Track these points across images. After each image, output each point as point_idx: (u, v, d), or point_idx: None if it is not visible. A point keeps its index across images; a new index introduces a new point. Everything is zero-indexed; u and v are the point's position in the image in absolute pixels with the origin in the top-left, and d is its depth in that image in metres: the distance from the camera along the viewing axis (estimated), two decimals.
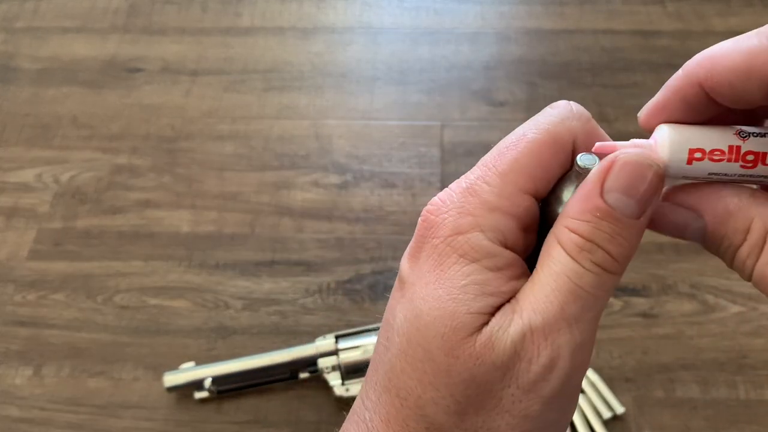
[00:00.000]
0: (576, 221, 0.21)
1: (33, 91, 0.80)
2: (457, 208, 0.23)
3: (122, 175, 0.72)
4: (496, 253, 0.22)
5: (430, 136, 0.74)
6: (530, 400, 0.21)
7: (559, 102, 0.24)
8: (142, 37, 0.85)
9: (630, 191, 0.21)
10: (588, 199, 0.21)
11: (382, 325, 0.25)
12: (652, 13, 0.84)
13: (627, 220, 0.21)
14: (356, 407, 0.25)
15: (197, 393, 0.57)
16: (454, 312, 0.22)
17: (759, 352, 0.59)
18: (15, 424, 0.57)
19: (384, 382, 0.23)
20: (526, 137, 0.23)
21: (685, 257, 0.64)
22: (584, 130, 0.23)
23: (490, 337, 0.21)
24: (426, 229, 0.23)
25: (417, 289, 0.23)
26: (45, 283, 0.65)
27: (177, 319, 0.62)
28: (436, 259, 0.22)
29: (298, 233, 0.67)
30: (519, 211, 0.23)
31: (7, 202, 0.71)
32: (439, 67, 0.81)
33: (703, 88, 0.21)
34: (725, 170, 0.22)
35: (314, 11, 0.87)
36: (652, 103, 0.23)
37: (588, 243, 0.21)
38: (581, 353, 0.22)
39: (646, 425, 0.55)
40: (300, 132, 0.75)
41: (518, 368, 0.21)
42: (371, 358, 0.25)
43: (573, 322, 0.21)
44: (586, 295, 0.21)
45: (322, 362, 0.56)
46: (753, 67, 0.19)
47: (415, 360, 0.22)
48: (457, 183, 0.24)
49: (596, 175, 0.21)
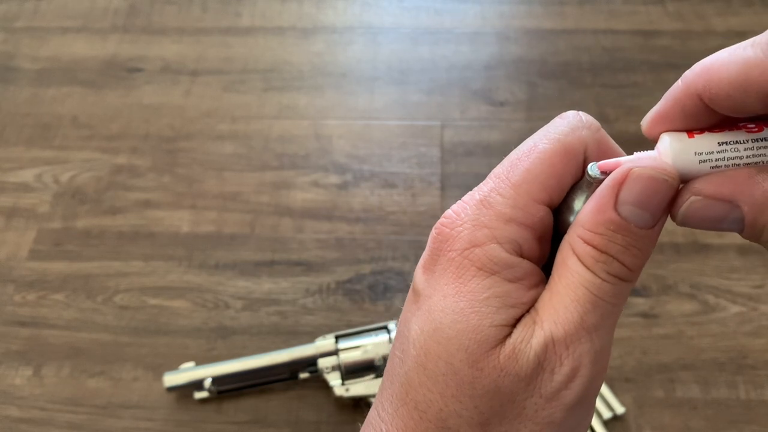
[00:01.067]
0: (590, 233, 0.22)
1: (33, 91, 0.80)
2: (472, 220, 0.23)
3: (122, 175, 0.72)
4: (514, 264, 0.22)
5: (430, 136, 0.74)
6: (553, 407, 0.22)
7: (569, 112, 0.24)
8: (142, 37, 0.85)
9: (644, 204, 0.21)
10: (602, 212, 0.22)
11: (396, 337, 0.25)
12: (653, 13, 0.84)
13: (640, 231, 0.22)
14: (371, 419, 0.25)
15: (197, 393, 0.57)
16: (477, 325, 0.22)
17: (759, 352, 0.59)
18: (15, 424, 0.57)
19: (401, 395, 0.23)
20: (538, 148, 0.23)
21: (685, 257, 0.64)
22: (594, 139, 0.24)
23: (513, 349, 0.22)
24: (441, 242, 0.23)
25: (435, 302, 0.23)
26: (45, 283, 0.65)
27: (177, 319, 0.62)
28: (453, 272, 0.23)
29: (298, 233, 0.67)
30: (534, 221, 0.23)
31: (7, 202, 0.71)
32: (439, 67, 0.81)
33: (702, 99, 0.21)
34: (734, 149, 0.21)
35: (314, 11, 0.87)
36: (654, 113, 0.23)
37: (603, 255, 0.22)
38: (601, 360, 0.22)
39: (646, 425, 0.55)
40: (300, 132, 0.75)
41: (541, 378, 0.22)
42: (385, 370, 0.25)
43: (593, 330, 0.22)
44: (604, 305, 0.22)
45: (322, 362, 0.56)
46: (750, 79, 0.19)
47: (436, 373, 0.22)
48: (470, 195, 0.24)
49: (610, 187, 0.22)
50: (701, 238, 0.65)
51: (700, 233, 0.65)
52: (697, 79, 0.21)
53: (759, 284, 0.62)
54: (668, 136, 0.22)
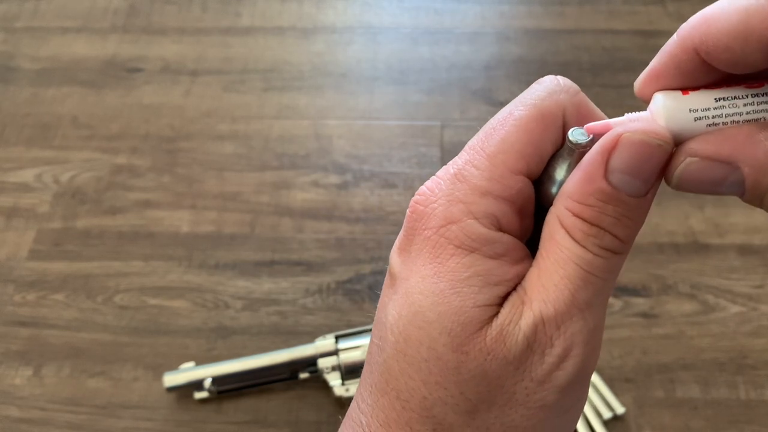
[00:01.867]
0: (579, 205, 0.20)
1: (33, 91, 0.80)
2: (446, 196, 0.21)
3: (122, 175, 0.72)
4: (495, 239, 0.21)
5: (430, 136, 0.74)
6: (545, 390, 0.21)
7: (546, 77, 0.23)
8: (142, 37, 0.85)
9: (636, 171, 0.20)
10: (591, 181, 0.20)
11: (374, 324, 0.23)
12: (653, 13, 0.84)
13: (633, 200, 0.20)
14: (351, 411, 0.24)
15: (197, 393, 0.57)
16: (460, 307, 0.21)
17: (759, 352, 0.59)
18: (15, 424, 0.57)
19: (381, 385, 0.22)
20: (513, 115, 0.22)
21: (685, 257, 0.64)
22: (573, 102, 0.22)
23: (501, 331, 0.20)
24: (416, 221, 0.22)
25: (412, 284, 0.21)
26: (45, 284, 0.65)
27: (177, 319, 0.62)
28: (430, 251, 0.21)
29: (298, 233, 0.67)
30: (512, 193, 0.21)
31: (6, 202, 0.71)
32: (439, 67, 0.81)
33: (699, 53, 0.20)
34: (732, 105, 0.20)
35: (314, 11, 0.87)
36: (647, 71, 0.21)
37: (594, 228, 0.20)
38: (594, 337, 0.21)
39: (646, 425, 0.55)
40: (300, 132, 0.75)
41: (531, 361, 0.21)
42: (365, 359, 0.24)
43: (585, 308, 0.21)
44: (596, 280, 0.21)
45: (322, 362, 0.56)
46: (750, 27, 0.18)
47: (417, 360, 0.21)
48: (444, 170, 0.22)
49: (599, 153, 0.20)
50: (701, 238, 0.65)
51: (700, 234, 0.65)
52: (693, 31, 0.20)
53: (759, 284, 0.62)
54: (661, 94, 0.21)
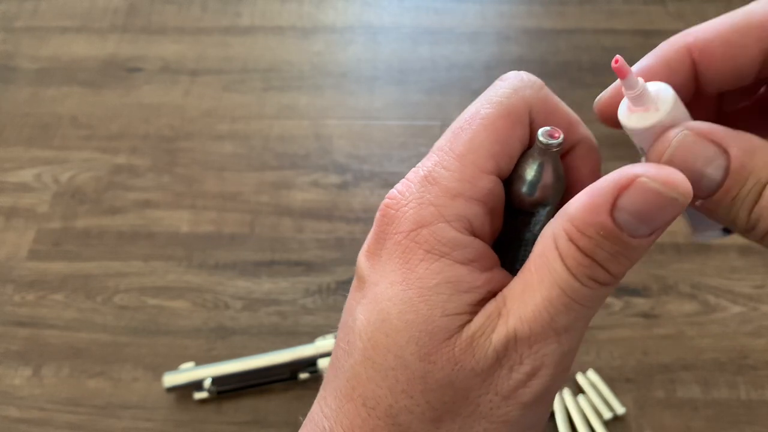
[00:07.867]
0: (578, 233, 0.19)
1: (32, 91, 0.80)
2: (416, 199, 0.21)
3: (121, 175, 0.72)
4: (466, 244, 0.21)
5: (430, 136, 0.74)
6: (509, 406, 0.20)
7: (509, 73, 0.23)
8: (142, 37, 0.85)
9: (644, 219, 0.19)
10: (595, 212, 0.19)
11: (340, 327, 0.23)
12: (653, 13, 0.84)
13: (634, 241, 0.19)
14: (313, 414, 0.23)
15: (197, 393, 0.57)
16: (428, 316, 0.20)
17: (760, 352, 0.59)
18: (14, 424, 0.57)
19: (346, 390, 0.22)
20: (480, 114, 0.22)
21: (686, 257, 0.64)
22: (538, 98, 0.22)
23: (470, 342, 0.20)
24: (386, 225, 0.22)
25: (381, 290, 0.21)
26: (44, 283, 0.65)
27: (176, 320, 0.62)
28: (400, 256, 0.21)
29: (298, 233, 0.67)
30: (483, 194, 0.21)
31: (6, 202, 0.71)
32: (439, 67, 0.80)
33: (692, 55, 0.19)
34: None
35: (314, 11, 0.87)
36: (636, 67, 0.21)
37: (587, 259, 0.19)
38: (566, 359, 0.21)
39: (646, 426, 0.55)
40: (300, 132, 0.75)
41: (498, 375, 0.20)
42: (330, 362, 0.23)
43: (562, 332, 0.20)
44: (578, 308, 0.20)
45: (322, 362, 0.56)
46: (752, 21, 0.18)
47: (384, 367, 0.21)
48: (413, 172, 0.22)
49: (611, 186, 0.19)
50: None
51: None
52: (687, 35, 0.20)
53: (760, 284, 0.62)
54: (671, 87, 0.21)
